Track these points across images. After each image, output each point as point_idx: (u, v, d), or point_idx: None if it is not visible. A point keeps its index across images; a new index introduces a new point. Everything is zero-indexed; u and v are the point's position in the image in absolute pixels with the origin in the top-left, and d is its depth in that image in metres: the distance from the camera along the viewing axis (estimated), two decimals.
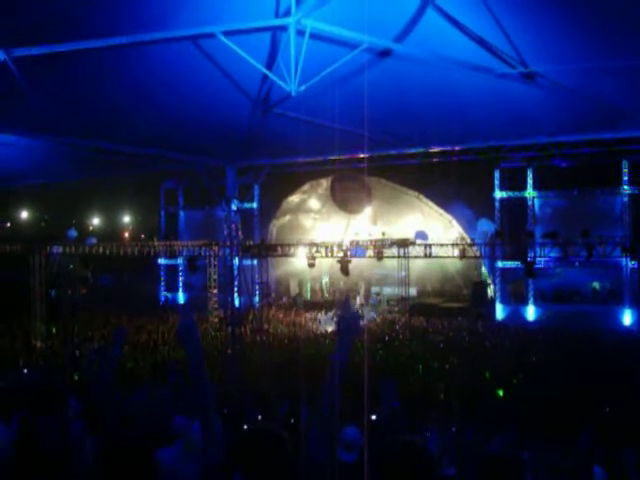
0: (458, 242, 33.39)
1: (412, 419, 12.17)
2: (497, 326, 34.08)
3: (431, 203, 40.36)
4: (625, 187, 33.37)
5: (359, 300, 42.10)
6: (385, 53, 13.12)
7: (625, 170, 33.21)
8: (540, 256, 30.92)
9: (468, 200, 38.55)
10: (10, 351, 25.80)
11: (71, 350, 26.00)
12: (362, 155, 25.99)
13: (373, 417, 8.72)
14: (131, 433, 5.06)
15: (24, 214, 48.73)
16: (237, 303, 28.35)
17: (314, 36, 11.18)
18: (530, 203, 35.73)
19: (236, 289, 28.28)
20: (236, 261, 28.19)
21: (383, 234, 36.43)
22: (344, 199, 43.40)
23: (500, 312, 36.31)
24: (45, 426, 4.31)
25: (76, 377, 20.17)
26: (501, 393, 18.53)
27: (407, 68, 14.00)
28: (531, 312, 35.46)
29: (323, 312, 37.60)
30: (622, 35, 11.97)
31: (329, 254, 30.25)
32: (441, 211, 40.31)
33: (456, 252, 31.04)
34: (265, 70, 12.77)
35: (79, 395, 5.46)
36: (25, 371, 18.96)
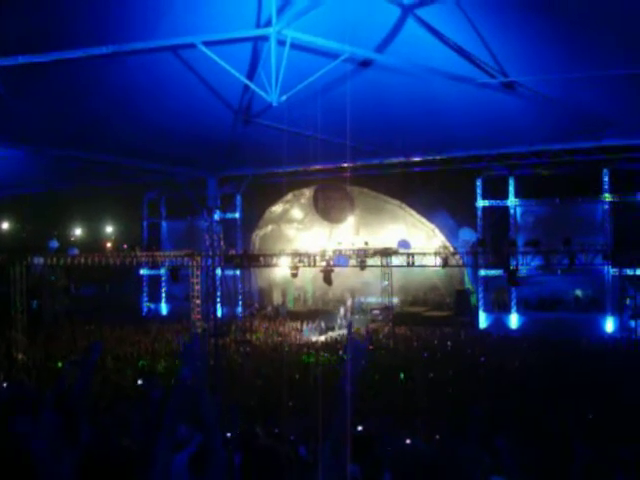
0: (440, 251, 33.42)
1: (396, 428, 12.14)
2: (480, 334, 34.16)
3: (413, 212, 40.41)
4: (606, 195, 33.57)
5: (343, 310, 42.03)
6: (366, 63, 13.15)
7: (606, 179, 33.42)
8: (522, 264, 31.02)
9: (450, 209, 38.65)
10: None
11: (53, 362, 25.79)
12: (344, 165, 26.05)
13: (359, 428, 8.70)
14: (111, 446, 5.00)
15: (5, 225, 48.38)
16: (220, 313, 28.28)
17: (295, 46, 11.18)
18: (512, 211, 35.87)
19: (219, 299, 28.22)
20: (218, 271, 28.14)
21: (366, 243, 36.39)
22: (327, 208, 43.39)
23: (483, 320, 36.37)
24: (17, 442, 4.25)
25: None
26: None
27: (388, 78, 14.03)
28: (514, 320, 35.54)
29: (306, 323, 37.50)
30: (603, 46, 12.06)
31: (312, 264, 30.23)
32: (423, 220, 40.37)
33: (439, 261, 31.08)
34: (246, 80, 12.76)
35: (57, 408, 5.38)
36: (5, 385, 18.74)
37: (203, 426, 3.74)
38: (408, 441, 8.59)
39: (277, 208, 43.74)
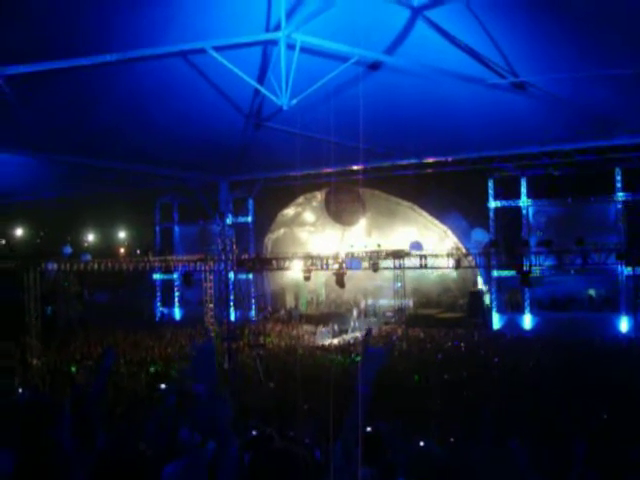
0: (453, 252, 33.38)
1: (409, 430, 12.12)
2: (494, 335, 34.08)
3: (425, 214, 40.38)
4: (619, 194, 33.45)
5: (356, 312, 42.03)
6: (376, 66, 13.15)
7: (618, 177, 33.31)
8: (535, 265, 30.94)
9: (463, 210, 38.61)
10: (5, 369, 25.62)
11: (67, 368, 25.90)
12: (356, 167, 26.04)
13: (368, 429, 8.68)
14: (128, 450, 5.03)
15: (19, 231, 48.64)
16: (233, 317, 28.30)
17: (305, 50, 11.20)
18: (524, 212, 35.80)
19: (232, 303, 28.24)
20: (231, 275, 28.16)
21: (378, 245, 36.37)
22: (338, 211, 43.45)
23: (497, 321, 36.28)
24: (39, 448, 4.28)
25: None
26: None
27: (398, 80, 14.03)
28: (528, 320, 35.45)
29: (319, 325, 37.51)
30: (613, 45, 12.02)
31: (324, 267, 30.24)
32: (436, 221, 40.33)
33: (451, 262, 31.04)
34: (256, 84, 12.77)
35: (73, 413, 5.42)
36: (20, 391, 18.84)
37: (216, 432, 3.75)
38: (422, 444, 8.59)
39: (289, 211, 43.82)
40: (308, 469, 3.52)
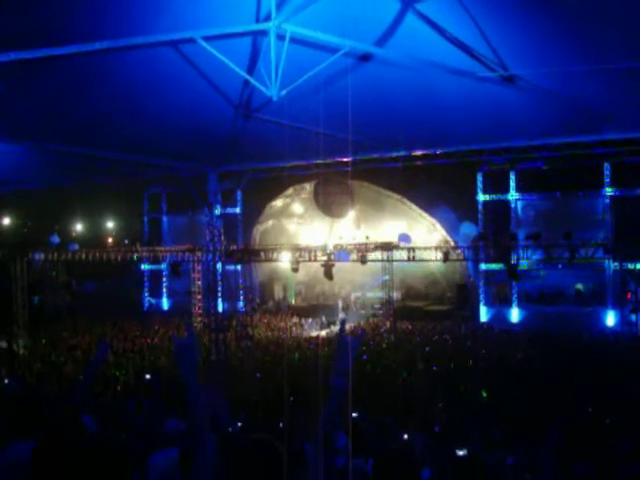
0: (441, 245, 33.44)
1: (396, 422, 12.16)
2: (481, 328, 34.21)
3: (414, 206, 40.37)
4: (607, 189, 33.58)
5: (341, 304, 42.10)
6: (366, 57, 13.13)
7: (607, 172, 33.43)
8: (523, 258, 31.02)
9: (451, 203, 38.67)
10: None
11: (54, 357, 25.82)
12: (345, 159, 26.02)
13: (354, 414, 8.71)
14: (115, 440, 5.02)
15: (6, 220, 48.39)
16: (221, 308, 28.28)
17: (294, 40, 11.16)
18: (513, 206, 35.88)
19: (220, 294, 28.22)
20: (219, 266, 28.12)
21: (367, 238, 36.39)
22: (327, 203, 43.40)
23: (484, 314, 36.40)
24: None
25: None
26: (484, 394, 18.58)
27: (388, 72, 14.02)
28: (515, 314, 35.57)
29: (307, 317, 37.56)
30: (604, 40, 12.04)
31: (312, 258, 30.23)
32: (424, 214, 40.33)
33: (440, 255, 31.08)
34: (246, 75, 12.73)
35: (62, 403, 5.42)
36: (6, 381, 18.78)
37: (192, 423, 3.74)
38: (405, 436, 8.63)
39: (278, 203, 43.77)
40: (291, 461, 3.52)
